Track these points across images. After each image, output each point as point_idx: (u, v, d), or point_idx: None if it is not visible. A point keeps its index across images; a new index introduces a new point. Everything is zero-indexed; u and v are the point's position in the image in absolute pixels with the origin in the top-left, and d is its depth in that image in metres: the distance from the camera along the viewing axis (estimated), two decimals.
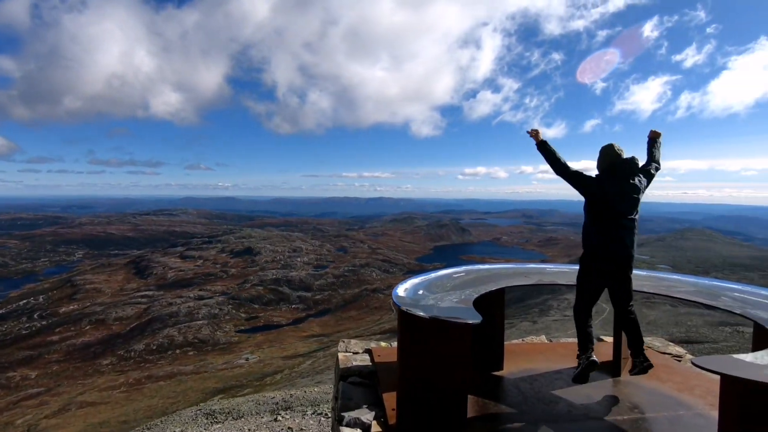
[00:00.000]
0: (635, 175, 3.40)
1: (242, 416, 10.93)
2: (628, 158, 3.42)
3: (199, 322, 65.21)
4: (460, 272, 4.38)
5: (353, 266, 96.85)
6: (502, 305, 4.07)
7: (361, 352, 4.61)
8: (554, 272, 4.66)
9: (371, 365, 4.13)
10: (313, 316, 75.30)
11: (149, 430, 12.46)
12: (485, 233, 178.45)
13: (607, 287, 3.54)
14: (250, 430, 9.26)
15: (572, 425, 3.11)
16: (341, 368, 4.04)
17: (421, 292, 3.54)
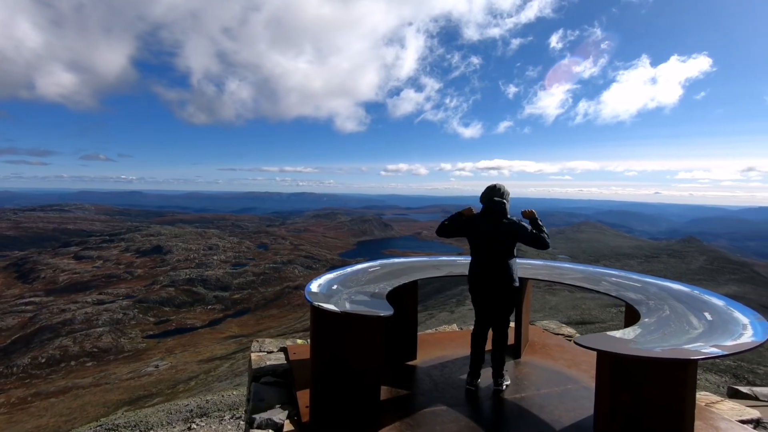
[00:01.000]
0: (502, 217, 3.61)
1: (151, 428, 10.10)
2: (496, 201, 3.63)
3: (99, 329, 58.83)
4: (375, 266, 4.45)
5: (275, 263, 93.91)
6: (415, 297, 4.21)
7: (276, 350, 4.49)
8: (464, 264, 4.91)
9: (286, 364, 4.04)
10: (231, 316, 71.80)
11: None
12: (407, 228, 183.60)
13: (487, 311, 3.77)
14: None
15: (480, 406, 3.33)
16: (254, 369, 3.90)
17: (335, 287, 3.53)
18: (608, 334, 2.58)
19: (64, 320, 60.01)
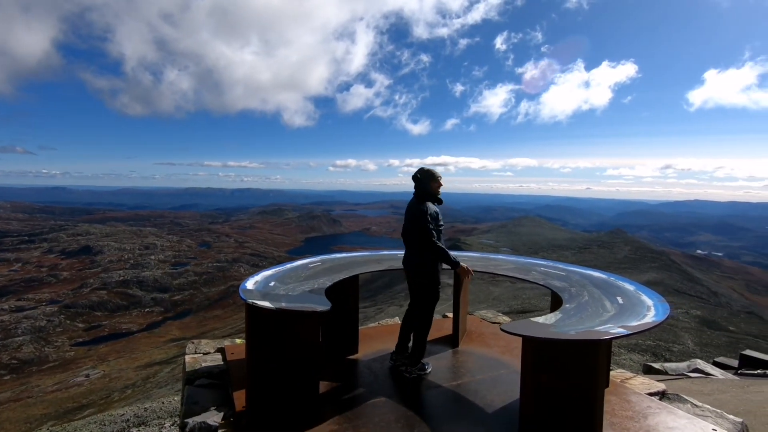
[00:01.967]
0: (414, 198, 3.69)
1: None
2: (414, 178, 3.69)
3: (18, 338, 53.55)
4: (315, 262, 4.42)
5: (218, 262, 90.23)
6: (356, 292, 4.24)
7: (213, 351, 4.34)
8: None
9: (223, 365, 3.92)
10: (171, 318, 68.15)
11: None
12: (356, 224, 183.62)
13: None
14: None
15: (417, 395, 3.43)
16: (188, 371, 3.74)
17: (272, 284, 3.47)
18: (531, 320, 2.75)
19: None
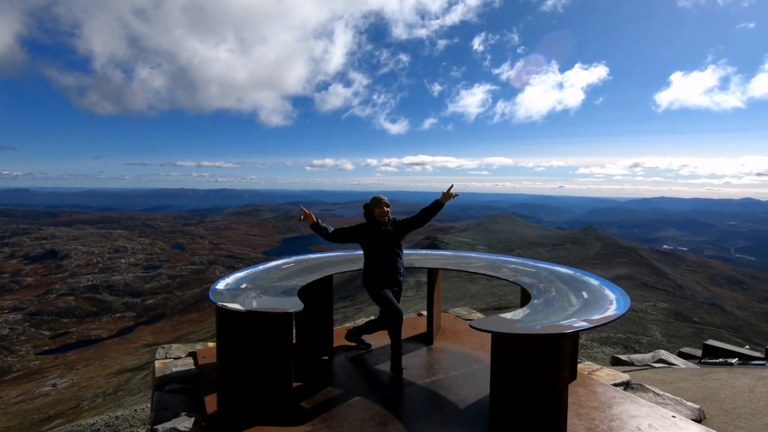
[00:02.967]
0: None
1: None
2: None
3: None
4: (289, 263, 4.40)
5: (193, 264, 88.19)
6: (330, 292, 4.24)
7: (184, 356, 4.26)
8: None
9: (195, 369, 3.86)
10: (144, 323, 66.20)
11: None
12: (334, 224, 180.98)
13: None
14: None
15: (392, 393, 3.45)
16: (157, 377, 3.67)
17: (244, 285, 3.44)
18: (500, 316, 2.82)
19: None
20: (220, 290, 3.23)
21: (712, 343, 9.62)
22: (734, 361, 8.24)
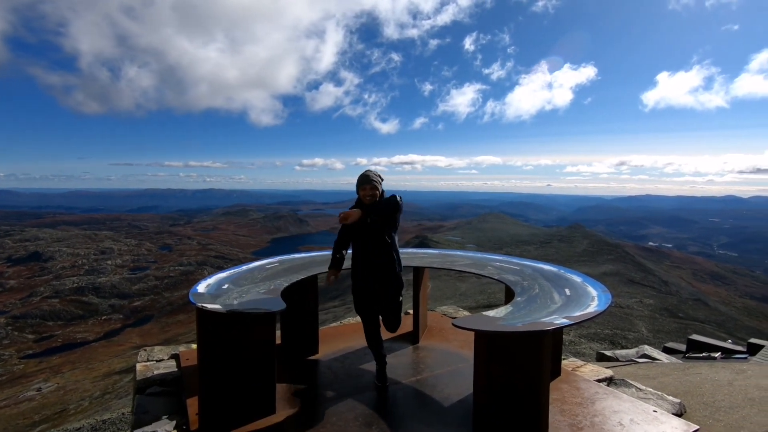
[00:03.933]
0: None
1: None
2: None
3: None
4: (273, 263, 4.35)
5: (181, 265, 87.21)
6: (315, 292, 4.20)
7: (167, 358, 4.19)
8: None
9: (177, 371, 3.80)
10: (131, 325, 65.27)
11: None
12: (323, 223, 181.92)
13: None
14: None
15: (377, 392, 3.44)
16: (138, 380, 3.60)
17: (226, 286, 3.39)
18: (484, 314, 2.83)
19: None
20: (200, 291, 3.18)
21: (696, 338, 9.82)
22: (717, 355, 8.41)
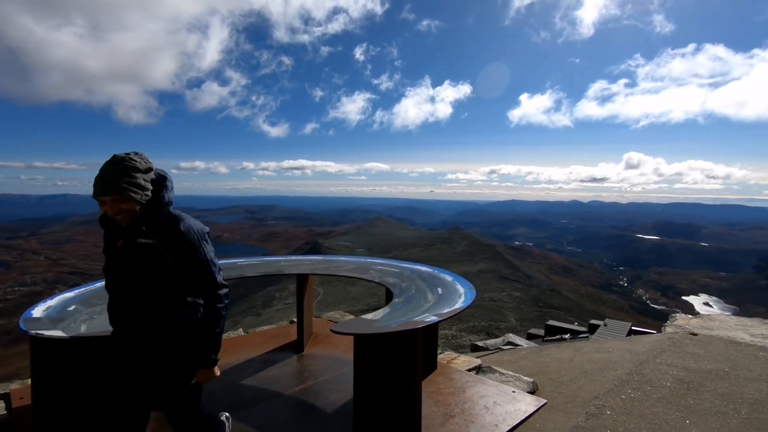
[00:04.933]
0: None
1: None
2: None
3: None
4: None
5: (23, 285, 72.99)
6: None
7: None
8: (246, 265, 4.75)
9: (6, 414, 3.15)
10: None
11: None
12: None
13: None
14: None
15: (254, 409, 3.26)
16: None
17: (72, 308, 2.92)
18: (362, 317, 2.90)
19: None
20: (37, 317, 2.69)
21: (551, 323, 11.38)
22: (567, 336, 9.85)
